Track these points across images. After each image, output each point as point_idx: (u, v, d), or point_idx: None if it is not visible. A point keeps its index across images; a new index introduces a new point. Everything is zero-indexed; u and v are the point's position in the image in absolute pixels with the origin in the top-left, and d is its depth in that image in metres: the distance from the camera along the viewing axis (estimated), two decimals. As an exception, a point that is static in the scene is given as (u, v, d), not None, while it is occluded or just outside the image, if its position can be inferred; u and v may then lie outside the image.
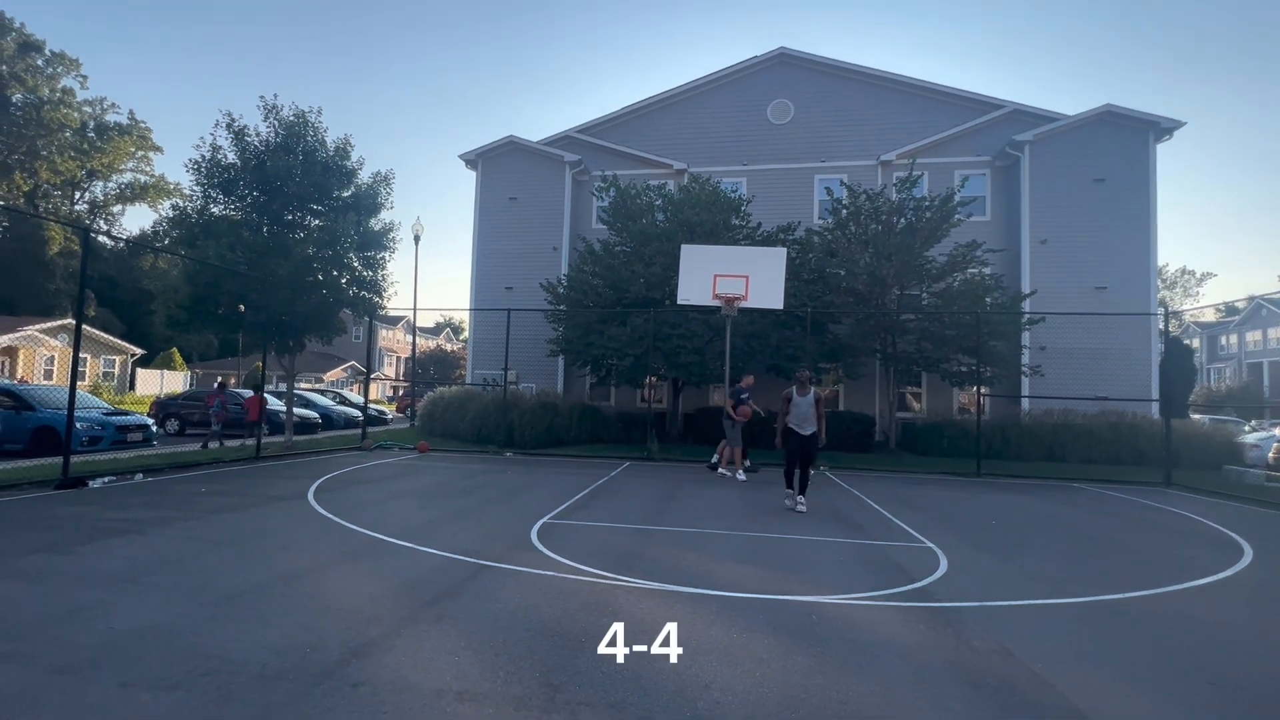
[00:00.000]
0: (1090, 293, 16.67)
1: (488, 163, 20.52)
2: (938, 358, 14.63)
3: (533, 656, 3.08)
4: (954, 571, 4.95)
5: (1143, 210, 16.94)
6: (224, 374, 41.26)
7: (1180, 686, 2.98)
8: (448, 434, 16.33)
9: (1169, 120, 17.02)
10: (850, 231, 15.49)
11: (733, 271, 12.19)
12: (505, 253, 19.88)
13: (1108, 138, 17.27)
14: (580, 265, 16.17)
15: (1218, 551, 5.99)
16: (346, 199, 13.12)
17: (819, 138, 19.29)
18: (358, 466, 10.76)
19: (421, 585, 4.19)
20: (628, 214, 15.91)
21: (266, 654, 3.03)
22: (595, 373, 16.24)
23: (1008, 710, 2.69)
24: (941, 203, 14.73)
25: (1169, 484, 11.02)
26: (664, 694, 2.74)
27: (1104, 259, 16.89)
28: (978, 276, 14.91)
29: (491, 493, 8.27)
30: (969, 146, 18.53)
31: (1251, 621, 3.98)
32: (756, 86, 19.90)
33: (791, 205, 18.58)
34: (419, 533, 5.75)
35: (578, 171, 20.18)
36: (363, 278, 13.28)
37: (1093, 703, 2.77)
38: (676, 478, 10.35)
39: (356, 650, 3.09)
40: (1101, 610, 4.11)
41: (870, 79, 19.28)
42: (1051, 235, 17.16)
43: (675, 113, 20.34)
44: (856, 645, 3.37)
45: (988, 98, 18.72)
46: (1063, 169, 17.29)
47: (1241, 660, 3.33)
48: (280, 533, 5.66)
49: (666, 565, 4.89)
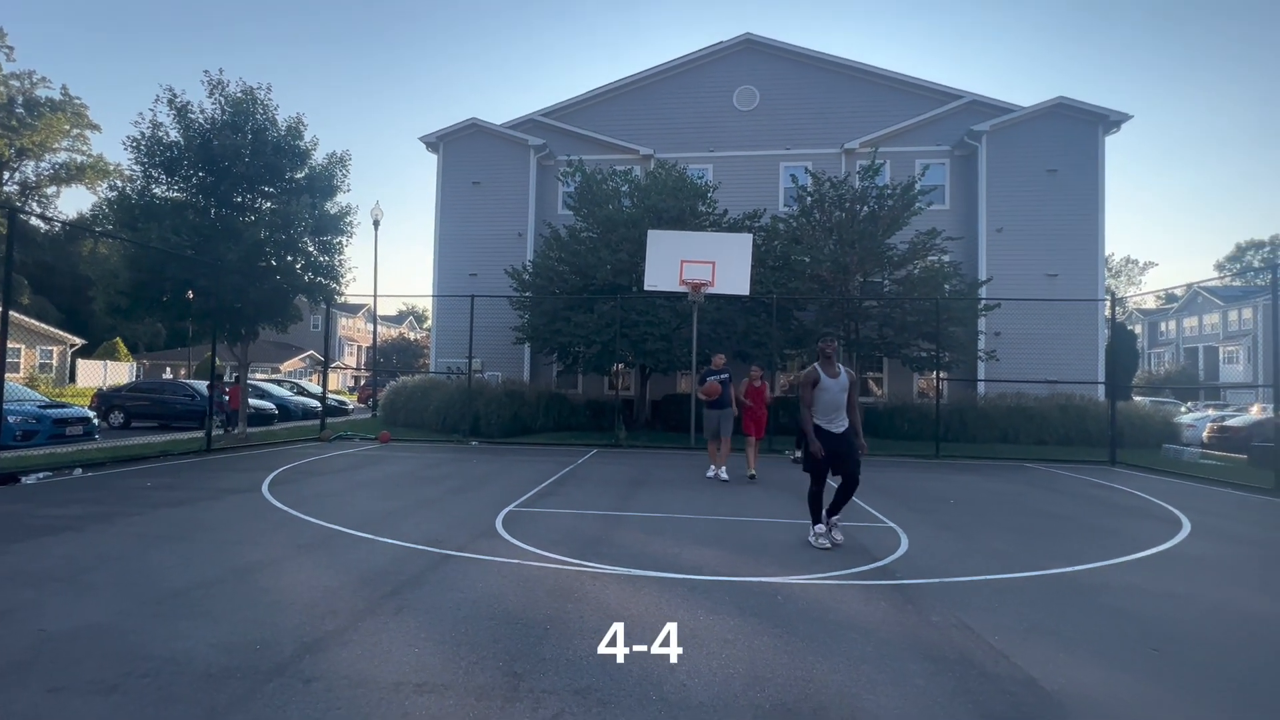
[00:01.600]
0: (1043, 280, 17.25)
1: (449, 146, 20.00)
2: (899, 343, 14.95)
3: (496, 645, 3.02)
4: (914, 550, 5.06)
5: (1092, 200, 17.56)
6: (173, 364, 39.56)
7: (1125, 653, 3.10)
8: (411, 424, 16.00)
9: (1117, 113, 17.63)
10: (815, 219, 15.64)
11: (699, 258, 12.19)
12: (469, 238, 19.47)
13: (1060, 130, 17.81)
14: (546, 251, 15.94)
15: (1158, 525, 6.28)
16: (300, 181, 12.62)
17: (784, 125, 19.37)
18: (316, 458, 10.44)
19: (381, 577, 4.07)
20: (594, 199, 15.73)
21: (214, 652, 2.89)
22: (562, 360, 16.10)
23: (965, 682, 2.75)
24: (903, 191, 14.98)
25: (1113, 462, 11.54)
26: (629, 679, 2.71)
27: (1056, 247, 17.49)
28: (937, 264, 15.26)
29: (456, 482, 8.12)
30: (929, 136, 18.88)
31: (1190, 590, 4.18)
32: (723, 72, 19.84)
33: (757, 192, 18.65)
34: (379, 523, 5.60)
35: (543, 156, 19.85)
36: (319, 263, 12.83)
37: (1044, 671, 2.86)
38: (644, 464, 10.35)
39: (310, 645, 2.98)
40: (1053, 583, 4.25)
41: (834, 67, 19.42)
42: (1007, 224, 17.66)
43: (641, 97, 20.14)
44: (821, 624, 3.41)
45: (947, 88, 19.07)
46: (1018, 159, 17.78)
47: (1180, 626, 3.49)
48: (231, 527, 5.43)
49: (633, 550, 4.87)
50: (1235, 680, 2.83)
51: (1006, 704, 2.56)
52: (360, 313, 54.30)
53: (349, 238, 13.14)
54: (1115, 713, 2.51)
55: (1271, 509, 7.48)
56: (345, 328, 53.57)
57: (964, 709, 2.52)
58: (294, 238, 12.28)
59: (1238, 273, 52.91)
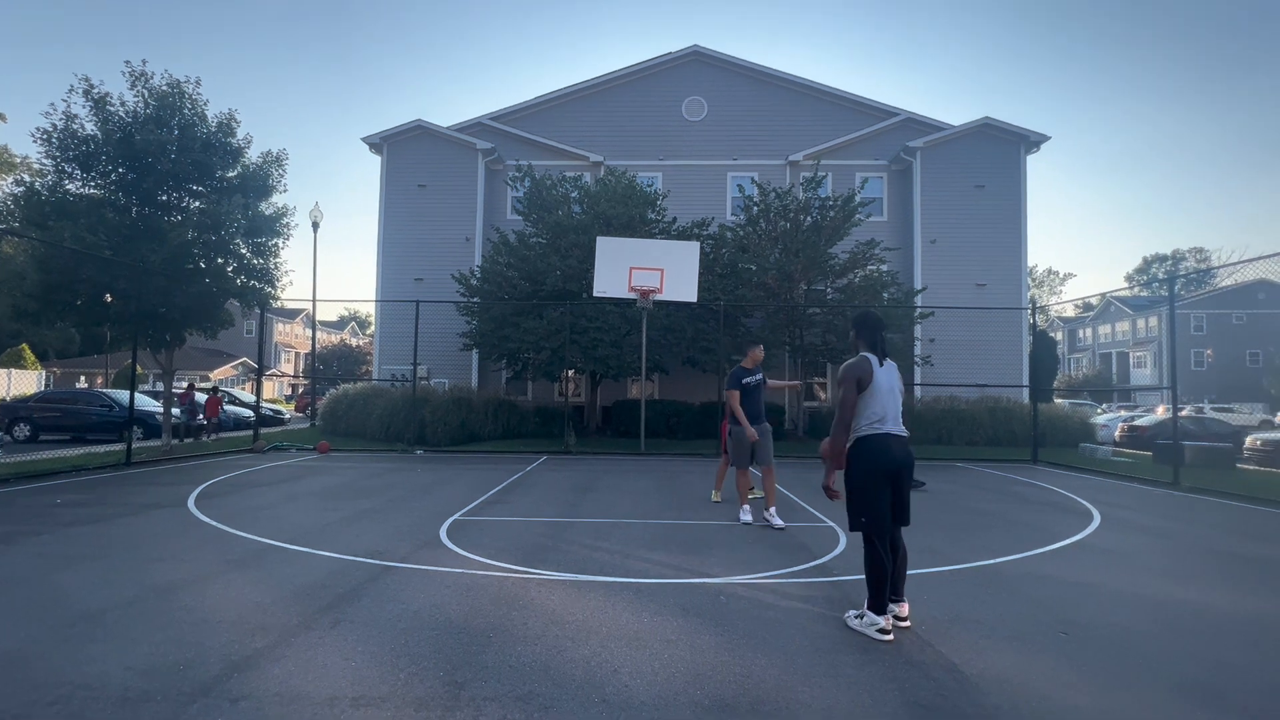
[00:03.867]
0: (972, 289, 18.23)
1: (394, 147, 19.53)
2: (841, 349, 15.48)
3: (437, 656, 2.98)
4: (852, 548, 5.26)
5: (1015, 215, 18.72)
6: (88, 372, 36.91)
7: (1038, 637, 3.33)
8: (352, 433, 15.46)
9: (1036, 134, 18.87)
10: (761, 228, 16.06)
11: (648, 265, 12.32)
12: (414, 242, 19.03)
13: (986, 148, 18.93)
14: (494, 256, 15.76)
15: (1073, 518, 6.74)
16: (232, 180, 12.05)
17: (731, 136, 19.83)
18: (248, 470, 9.95)
19: (317, 591, 3.93)
20: (543, 205, 15.67)
21: (131, 675, 2.73)
22: (511, 366, 15.92)
23: (893, 670, 2.90)
24: (844, 203, 15.57)
25: (1035, 461, 12.30)
26: (572, 683, 2.73)
27: (984, 258, 18.53)
28: (876, 273, 15.92)
29: (399, 492, 7.91)
30: (868, 151, 19.71)
31: (1097, 578, 4.51)
32: (672, 83, 20.15)
33: (706, 201, 19.01)
34: (316, 536, 5.40)
35: (491, 160, 19.64)
36: (252, 266, 12.27)
37: (965, 658, 3.04)
38: (594, 470, 10.35)
39: (238, 664, 2.86)
40: (976, 575, 4.51)
41: (779, 82, 20.04)
42: (940, 236, 18.61)
43: (592, 104, 20.23)
44: (761, 621, 3.51)
45: (885, 106, 19.97)
46: (949, 175, 18.77)
47: (1088, 610, 3.77)
48: (153, 544, 5.13)
49: (580, 556, 4.87)
50: (1134, 657, 3.09)
51: (930, 689, 2.71)
52: (299, 318, 52.09)
53: (286, 240, 12.62)
54: (1026, 692, 2.70)
55: (1171, 501, 8.15)
56: (282, 333, 51.26)
57: (890, 695, 2.65)
58: (225, 239, 11.71)
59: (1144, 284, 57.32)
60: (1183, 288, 48.56)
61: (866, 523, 3.36)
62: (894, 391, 3.49)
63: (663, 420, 15.95)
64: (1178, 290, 10.34)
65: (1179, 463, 9.86)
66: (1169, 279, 12.01)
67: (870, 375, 3.44)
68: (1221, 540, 5.83)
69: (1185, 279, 51.31)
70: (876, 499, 3.35)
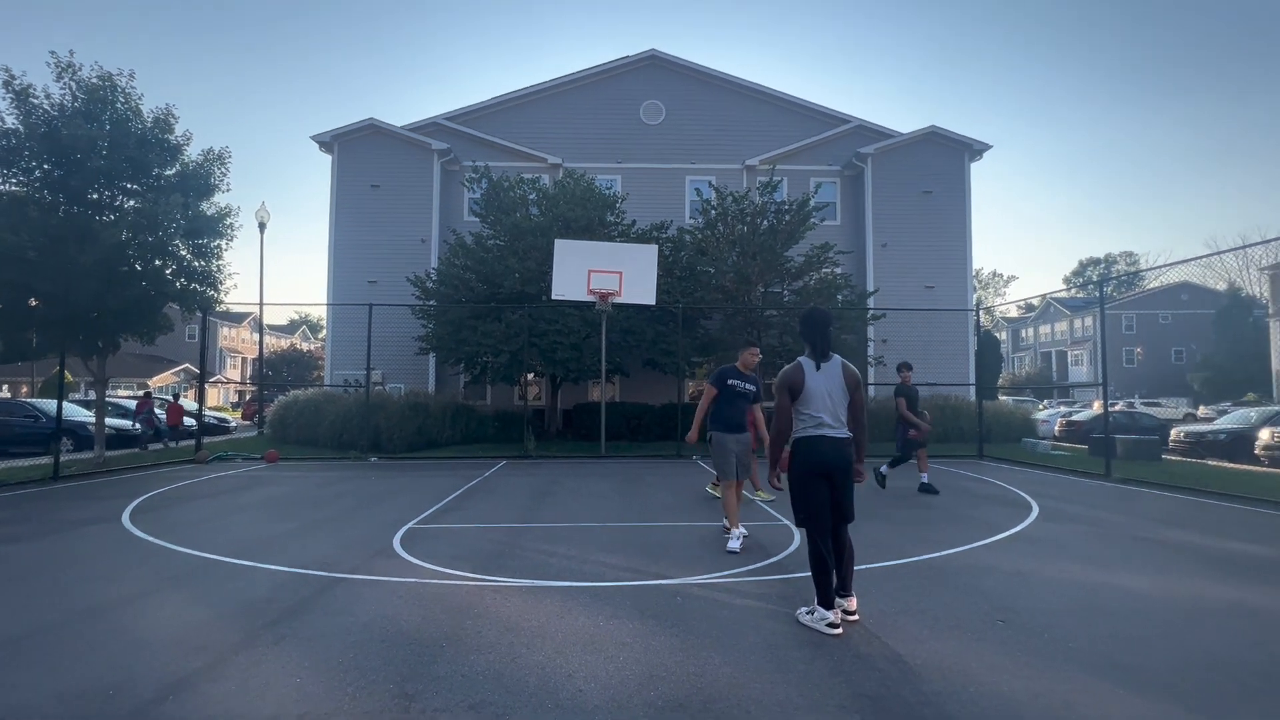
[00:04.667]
0: (922, 291, 18.88)
1: (345, 146, 19.01)
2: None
3: (388, 668, 2.92)
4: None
5: (961, 220, 19.49)
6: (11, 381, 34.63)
7: (978, 626, 3.48)
8: (303, 441, 14.95)
9: (980, 143, 19.70)
10: (719, 231, 16.26)
11: (607, 267, 12.33)
12: (367, 244, 18.55)
13: (933, 155, 19.65)
14: (451, 259, 15.50)
15: (1013, 510, 7.06)
16: (170, 178, 11.50)
17: (689, 140, 20.03)
18: (189, 481, 9.52)
19: (261, 606, 3.80)
20: (501, 207, 15.51)
21: (55, 703, 2.59)
22: (469, 371, 15.69)
23: (841, 664, 2.98)
24: (799, 207, 15.91)
25: (981, 456, 12.82)
26: (525, 690, 2.71)
27: (932, 261, 19.22)
28: (830, 276, 16.31)
29: (351, 501, 7.70)
30: (822, 156, 20.20)
31: (1033, 566, 4.74)
32: (629, 86, 20.23)
33: (664, 204, 19.13)
34: (262, 549, 5.21)
35: (447, 161, 19.32)
36: (193, 268, 11.73)
37: (910, 649, 3.16)
38: (554, 474, 10.28)
39: (175, 685, 2.74)
40: (922, 568, 4.68)
41: (736, 87, 20.35)
42: (891, 240, 19.21)
43: (549, 106, 20.12)
44: (715, 622, 3.56)
45: (837, 113, 20.51)
46: (898, 181, 19.41)
47: (1024, 598, 3.96)
48: (83, 563, 4.86)
49: (537, 562, 4.85)
50: (1063, 641, 3.26)
51: (875, 680, 2.81)
52: (245, 322, 50.04)
53: (229, 241, 12.11)
54: (965, 678, 2.82)
55: (1103, 492, 8.62)
56: (227, 338, 49.16)
57: (838, 688, 2.74)
58: (163, 240, 11.16)
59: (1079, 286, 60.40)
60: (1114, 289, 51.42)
61: (803, 520, 3.53)
62: (831, 394, 3.49)
63: (624, 423, 15.97)
64: (1109, 292, 10.97)
65: (1111, 455, 10.45)
66: (1101, 281, 12.72)
67: (801, 382, 3.52)
68: (1145, 528, 6.20)
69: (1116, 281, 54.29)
70: (810, 497, 3.48)
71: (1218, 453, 13.47)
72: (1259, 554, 5.14)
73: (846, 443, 3.53)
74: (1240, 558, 5.01)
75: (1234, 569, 4.66)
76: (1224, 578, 4.43)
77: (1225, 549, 5.30)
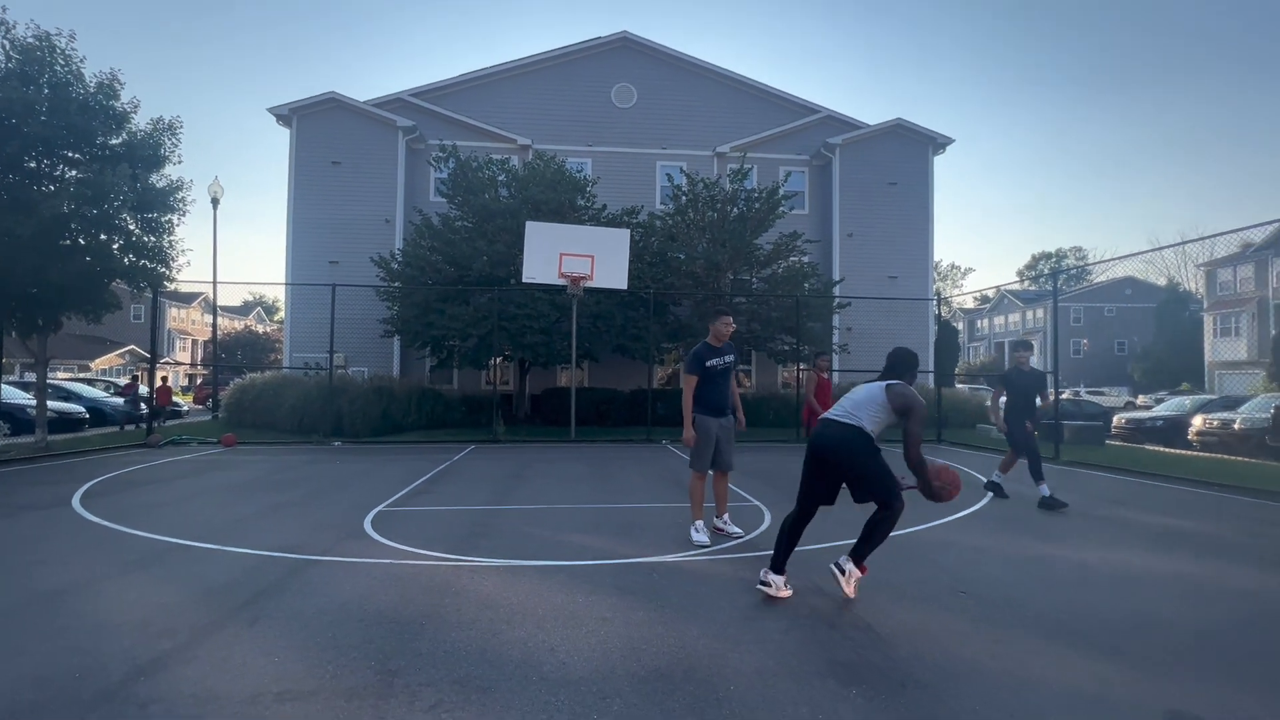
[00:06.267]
0: (885, 281, 19.34)
1: (305, 120, 18.30)
2: (765, 337, 16.05)
3: (368, 646, 2.90)
4: (776, 524, 5.52)
5: (924, 212, 19.98)
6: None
7: (941, 596, 3.66)
8: (261, 425, 14.50)
9: (943, 136, 20.17)
10: (689, 218, 16.30)
11: (578, 251, 12.25)
12: (328, 223, 17.97)
13: (898, 147, 20.05)
14: (417, 240, 15.15)
15: (971, 492, 7.33)
16: (116, 147, 10.89)
17: (661, 125, 19.94)
18: (142, 466, 9.16)
19: (231, 588, 3.72)
20: (469, 187, 15.20)
21: (18, 687, 2.50)
22: (435, 354, 15.43)
23: (815, 633, 3.10)
24: (768, 195, 16.06)
25: (940, 441, 13.30)
26: (509, 664, 2.74)
27: (896, 252, 19.69)
28: (798, 264, 16.56)
29: (317, 484, 7.54)
30: (791, 145, 20.39)
31: (991, 542, 4.98)
32: (601, 68, 19.98)
33: (635, 189, 19.05)
34: (227, 532, 5.08)
35: (413, 139, 18.80)
36: (142, 244, 11.17)
37: (879, 619, 3.30)
38: (524, 458, 10.25)
39: (145, 667, 2.67)
40: (889, 545, 4.81)
41: (708, 73, 20.31)
42: (857, 230, 19.58)
43: (520, 86, 19.74)
44: (693, 596, 3.64)
45: (807, 102, 20.70)
46: (865, 172, 19.75)
47: (982, 571, 4.17)
48: (32, 547, 4.65)
49: (513, 542, 4.85)
50: (1017, 608, 3.45)
51: (848, 648, 2.93)
52: (196, 302, 47.99)
53: (181, 215, 11.55)
54: (930, 645, 2.97)
55: (1052, 474, 8.99)
56: (176, 319, 47.09)
57: (814, 655, 2.85)
58: (109, 213, 10.57)
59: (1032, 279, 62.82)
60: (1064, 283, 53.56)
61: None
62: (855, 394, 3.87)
63: (593, 408, 15.98)
64: (1060, 285, 11.46)
65: (1059, 440, 10.99)
66: (1052, 274, 13.27)
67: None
68: (1091, 506, 6.56)
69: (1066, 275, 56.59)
70: (803, 477, 3.81)
71: (1155, 438, 14.29)
72: (1192, 529, 5.51)
73: (839, 425, 3.75)
74: (1176, 532, 5.36)
75: (1170, 542, 4.99)
76: (1161, 550, 4.74)
77: (1163, 524, 5.66)
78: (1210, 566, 4.34)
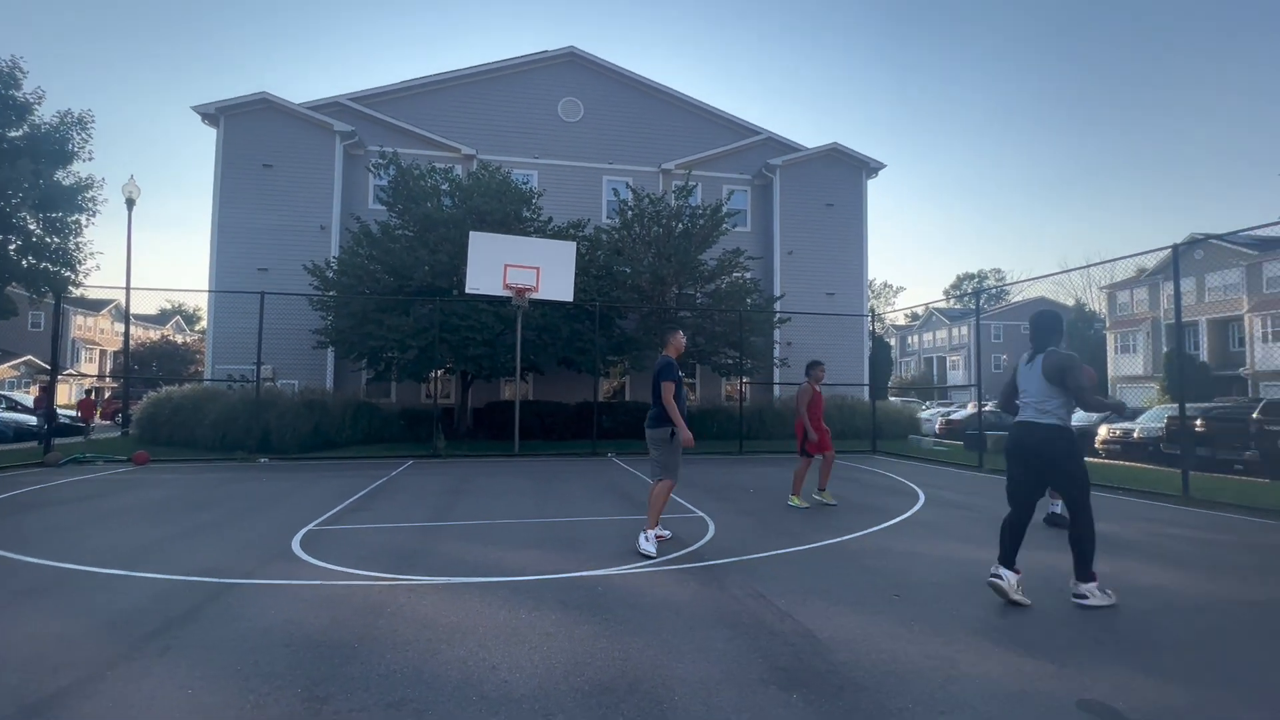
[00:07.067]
0: (823, 298, 20.07)
1: (233, 121, 17.43)
2: (709, 351, 16.31)
3: (294, 672, 2.74)
4: (720, 534, 5.59)
5: (858, 233, 20.90)
6: None
7: (876, 601, 3.78)
8: (179, 442, 13.53)
9: (876, 161, 21.22)
10: (635, 232, 16.46)
11: (524, 262, 12.14)
12: (258, 228, 17.11)
13: (835, 171, 20.96)
14: (355, 247, 14.62)
15: (903, 498, 7.69)
16: (16, 140, 10.09)
17: (607, 140, 20.11)
18: (37, 487, 8.37)
19: (139, 617, 3.43)
20: (410, 196, 14.83)
21: (-123, 736, 2.21)
22: (373, 366, 14.88)
23: (757, 641, 3.14)
24: (712, 212, 16.42)
25: (874, 450, 13.83)
26: (448, 685, 2.64)
27: (833, 270, 20.48)
28: (741, 280, 16.97)
29: (241, 503, 7.08)
30: (734, 165, 20.96)
31: (922, 547, 5.20)
32: (548, 81, 20.01)
33: (582, 202, 19.10)
34: (136, 557, 4.69)
35: (351, 144, 18.22)
36: (44, 245, 10.35)
37: (818, 624, 3.38)
38: (465, 473, 9.98)
39: (36, 706, 2.42)
40: (827, 552, 5.00)
41: (655, 92, 20.67)
42: (796, 248, 20.27)
43: (464, 95, 19.50)
44: (637, 608, 3.63)
45: (749, 124, 21.36)
46: (803, 193, 20.53)
47: (914, 574, 4.34)
48: (-98, 579, 4.15)
49: (453, 559, 4.70)
50: (949, 610, 3.61)
51: (789, 654, 2.98)
52: (106, 310, 44.53)
53: (91, 216, 10.80)
54: (867, 647, 3.06)
55: (978, 481, 9.57)
56: (83, 328, 43.53)
57: (756, 663, 2.88)
58: (7, 211, 9.76)
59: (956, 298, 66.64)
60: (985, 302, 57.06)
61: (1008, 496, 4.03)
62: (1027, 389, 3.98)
63: (538, 421, 15.77)
64: (981, 303, 12.23)
65: (983, 449, 11.63)
66: (975, 294, 14.12)
67: (1013, 373, 4.19)
68: (1013, 511, 6.95)
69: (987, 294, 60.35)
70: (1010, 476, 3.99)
71: (1067, 447, 15.31)
72: (1101, 530, 5.91)
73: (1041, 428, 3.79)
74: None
75: (1082, 543, 5.34)
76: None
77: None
78: (1117, 564, 4.68)
